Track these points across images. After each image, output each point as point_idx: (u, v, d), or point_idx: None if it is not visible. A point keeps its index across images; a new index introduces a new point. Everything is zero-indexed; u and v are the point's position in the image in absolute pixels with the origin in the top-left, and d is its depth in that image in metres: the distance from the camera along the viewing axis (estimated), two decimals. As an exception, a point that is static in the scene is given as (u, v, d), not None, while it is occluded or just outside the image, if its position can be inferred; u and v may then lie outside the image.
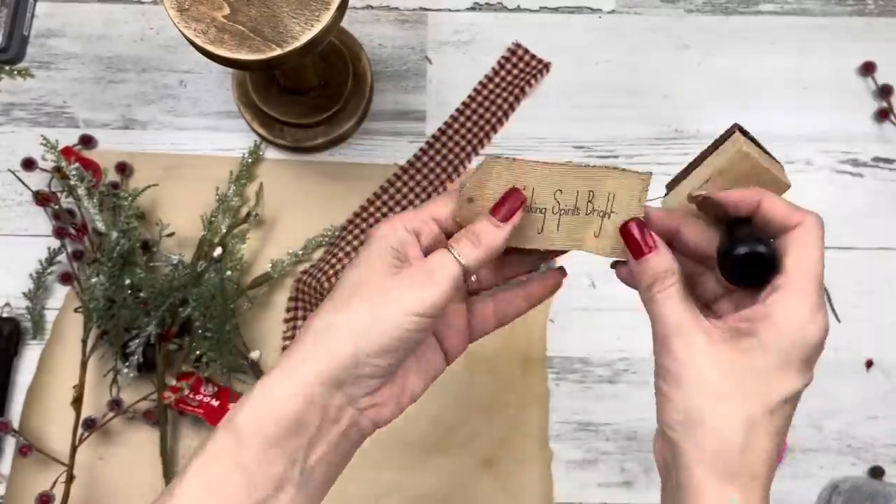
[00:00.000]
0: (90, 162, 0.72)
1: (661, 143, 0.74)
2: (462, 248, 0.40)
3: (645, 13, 0.77)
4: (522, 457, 0.69)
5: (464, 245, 0.40)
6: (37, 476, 0.66)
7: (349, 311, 0.39)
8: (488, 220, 0.41)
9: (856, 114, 0.75)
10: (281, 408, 0.38)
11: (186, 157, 0.74)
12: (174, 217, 0.71)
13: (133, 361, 0.66)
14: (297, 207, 0.73)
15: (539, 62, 0.75)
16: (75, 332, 0.68)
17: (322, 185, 0.73)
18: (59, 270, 0.70)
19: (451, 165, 0.73)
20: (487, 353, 0.70)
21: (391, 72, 0.76)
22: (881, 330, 0.72)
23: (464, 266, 0.40)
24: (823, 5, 0.77)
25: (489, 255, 0.40)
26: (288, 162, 0.74)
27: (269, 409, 0.38)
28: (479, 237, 0.40)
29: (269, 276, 0.70)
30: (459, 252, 0.40)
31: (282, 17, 0.53)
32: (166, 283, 0.67)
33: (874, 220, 0.73)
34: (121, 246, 0.67)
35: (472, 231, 0.40)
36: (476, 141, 0.74)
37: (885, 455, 0.70)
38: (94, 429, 0.67)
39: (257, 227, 0.72)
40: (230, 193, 0.71)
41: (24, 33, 0.63)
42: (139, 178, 0.73)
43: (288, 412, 0.38)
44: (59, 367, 0.69)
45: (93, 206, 0.68)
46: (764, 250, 0.39)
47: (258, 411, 0.38)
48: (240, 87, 0.72)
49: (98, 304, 0.66)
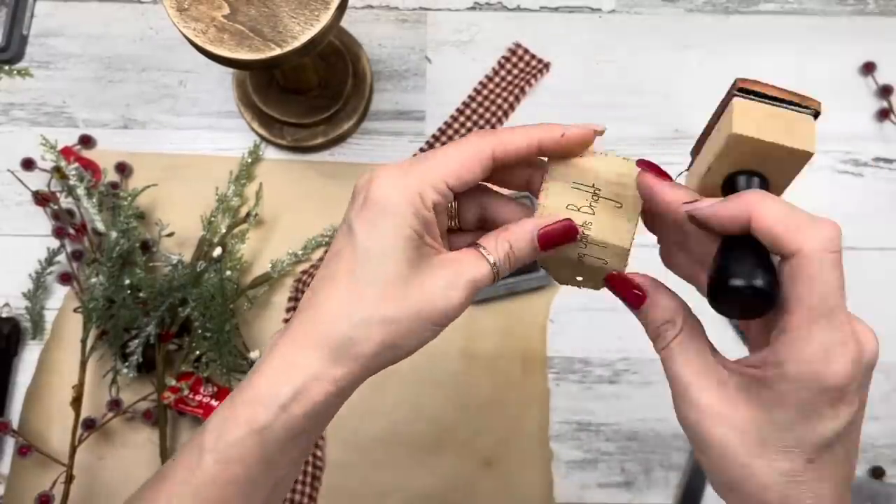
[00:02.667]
0: (89, 162, 0.72)
1: (661, 143, 0.74)
2: (501, 261, 0.38)
3: (645, 13, 0.77)
4: (522, 457, 0.69)
5: (503, 260, 0.38)
6: (36, 476, 0.66)
7: (384, 324, 0.36)
8: (532, 242, 0.38)
9: (856, 114, 0.75)
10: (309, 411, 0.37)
11: (186, 157, 0.73)
12: (174, 217, 0.71)
13: (132, 362, 0.66)
14: (297, 207, 0.73)
15: (539, 62, 0.75)
16: (75, 333, 0.68)
17: (322, 185, 0.73)
18: (58, 270, 0.70)
19: None
20: (487, 353, 0.70)
21: (391, 72, 0.76)
22: (881, 330, 0.72)
23: (495, 278, 0.38)
24: (823, 5, 0.77)
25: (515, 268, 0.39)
26: (288, 162, 0.74)
27: (297, 413, 0.36)
28: (516, 259, 0.38)
29: (269, 277, 0.70)
30: (496, 261, 0.38)
31: (281, 16, 0.53)
32: (166, 283, 0.67)
33: (874, 220, 0.73)
34: (120, 246, 0.67)
35: (510, 244, 0.38)
36: None
37: (885, 455, 0.70)
38: (94, 429, 0.67)
39: (257, 227, 0.72)
40: (230, 193, 0.71)
41: (24, 33, 0.63)
42: (139, 178, 0.73)
43: (315, 414, 0.37)
44: (59, 367, 0.69)
45: (92, 206, 0.68)
46: (759, 284, 0.32)
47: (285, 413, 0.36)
48: (240, 87, 0.72)
49: (97, 304, 0.66)
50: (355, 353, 0.36)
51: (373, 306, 0.36)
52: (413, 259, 0.36)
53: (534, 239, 0.38)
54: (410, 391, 0.70)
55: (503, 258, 0.38)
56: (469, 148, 0.37)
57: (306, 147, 0.73)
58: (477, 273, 0.37)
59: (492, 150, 0.37)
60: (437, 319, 0.37)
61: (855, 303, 0.72)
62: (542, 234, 0.38)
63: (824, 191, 0.74)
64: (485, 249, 0.38)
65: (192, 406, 0.67)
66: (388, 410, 0.69)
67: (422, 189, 0.36)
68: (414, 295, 0.36)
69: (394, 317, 0.36)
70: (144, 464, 0.68)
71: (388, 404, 0.70)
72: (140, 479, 0.67)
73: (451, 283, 0.37)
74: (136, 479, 0.67)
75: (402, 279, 0.36)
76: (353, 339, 0.36)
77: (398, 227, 0.36)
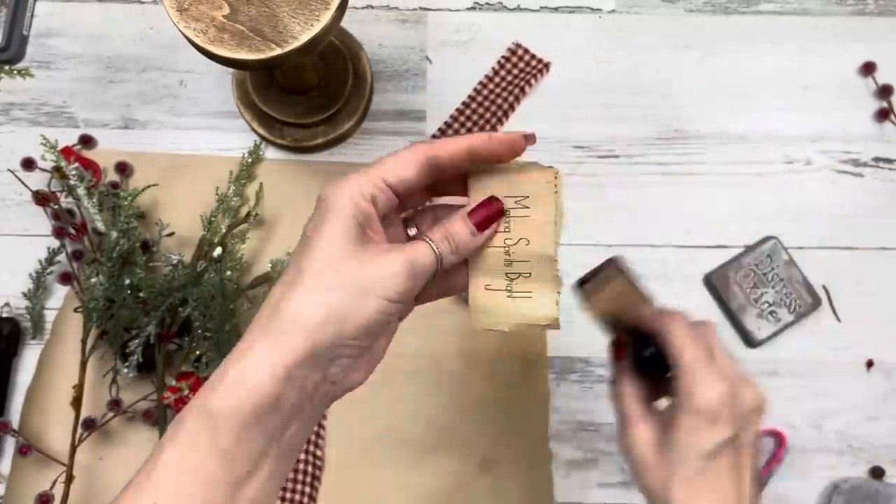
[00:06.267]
0: (90, 162, 0.72)
1: (661, 143, 0.74)
2: (439, 242, 0.41)
3: (645, 13, 0.77)
4: (522, 457, 0.69)
5: (442, 247, 0.41)
6: (36, 476, 0.66)
7: (325, 292, 0.38)
8: (466, 226, 0.42)
9: (856, 114, 0.75)
10: (258, 390, 0.37)
11: (186, 156, 0.74)
12: (174, 217, 0.71)
13: (133, 361, 0.66)
14: (297, 207, 0.73)
15: (539, 62, 0.75)
16: (75, 332, 0.68)
17: (322, 185, 0.73)
18: (58, 270, 0.70)
19: None
20: (488, 353, 0.70)
21: (391, 72, 0.76)
22: (881, 330, 0.72)
23: (441, 267, 0.41)
24: (823, 5, 0.77)
25: (462, 259, 0.42)
26: (288, 162, 0.74)
27: (246, 392, 0.37)
28: (456, 245, 0.41)
29: (269, 277, 0.70)
30: (433, 240, 0.41)
31: (282, 16, 0.53)
32: (166, 284, 0.67)
33: (874, 220, 0.73)
34: (120, 246, 0.67)
35: (450, 234, 0.41)
36: None
37: (885, 455, 0.70)
38: (94, 429, 0.67)
39: (257, 227, 0.72)
40: (230, 193, 0.71)
41: (24, 33, 0.63)
42: (139, 178, 0.73)
43: (265, 394, 0.37)
44: (59, 367, 0.69)
45: (92, 206, 0.68)
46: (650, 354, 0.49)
47: (234, 394, 0.37)
48: (240, 87, 0.72)
49: (98, 304, 0.66)
50: (299, 326, 0.37)
51: (314, 280, 0.38)
52: (355, 246, 0.39)
53: (465, 218, 0.42)
54: (411, 391, 0.70)
55: (440, 238, 0.41)
56: (405, 152, 0.41)
57: (306, 147, 0.73)
58: (416, 252, 0.40)
59: (425, 152, 0.40)
60: (376, 289, 0.38)
61: (855, 303, 0.73)
62: (471, 211, 0.42)
63: (824, 191, 0.74)
64: (425, 236, 0.41)
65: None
66: (387, 410, 0.69)
67: (360, 185, 0.40)
68: (354, 266, 0.38)
69: (334, 284, 0.38)
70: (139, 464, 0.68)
71: (388, 404, 0.70)
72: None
73: (390, 256, 0.39)
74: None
75: (343, 258, 0.38)
76: (298, 313, 0.38)
77: (339, 219, 0.39)
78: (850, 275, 0.73)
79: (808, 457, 0.70)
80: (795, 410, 0.71)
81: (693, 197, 0.74)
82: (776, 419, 0.70)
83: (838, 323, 0.72)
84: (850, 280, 0.73)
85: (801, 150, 0.74)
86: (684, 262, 0.73)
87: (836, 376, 0.71)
